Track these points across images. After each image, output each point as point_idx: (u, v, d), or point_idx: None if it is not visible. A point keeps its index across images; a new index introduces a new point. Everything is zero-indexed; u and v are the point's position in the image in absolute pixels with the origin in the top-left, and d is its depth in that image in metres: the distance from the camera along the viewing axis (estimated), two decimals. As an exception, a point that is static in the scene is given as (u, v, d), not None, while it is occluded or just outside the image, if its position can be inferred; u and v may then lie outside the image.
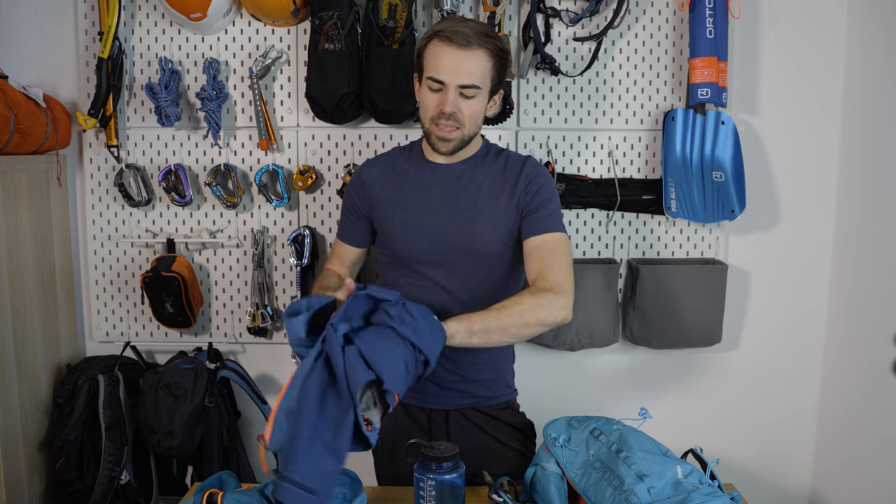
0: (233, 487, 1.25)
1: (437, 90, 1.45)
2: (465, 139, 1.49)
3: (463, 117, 1.46)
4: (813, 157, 2.10)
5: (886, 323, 1.87)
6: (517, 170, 1.54)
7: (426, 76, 1.46)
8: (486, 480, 1.32)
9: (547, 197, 1.51)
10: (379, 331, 1.13)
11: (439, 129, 1.47)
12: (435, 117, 1.46)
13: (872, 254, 1.97)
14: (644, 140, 2.06)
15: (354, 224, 1.64)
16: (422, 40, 1.48)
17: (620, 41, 2.02)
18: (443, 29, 1.44)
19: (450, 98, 1.44)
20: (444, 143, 1.48)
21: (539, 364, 2.12)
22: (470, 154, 1.57)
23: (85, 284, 2.15)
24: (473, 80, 1.44)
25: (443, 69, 1.43)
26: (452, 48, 1.42)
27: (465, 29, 1.43)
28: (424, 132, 1.51)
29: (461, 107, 1.45)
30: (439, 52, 1.44)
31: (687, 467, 1.17)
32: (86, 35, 2.03)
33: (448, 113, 1.44)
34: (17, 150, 1.85)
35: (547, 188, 1.52)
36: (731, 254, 2.13)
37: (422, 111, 1.50)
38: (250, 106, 2.03)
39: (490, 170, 1.56)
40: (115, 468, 1.93)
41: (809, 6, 2.03)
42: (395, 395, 1.09)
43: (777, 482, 2.21)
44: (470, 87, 1.44)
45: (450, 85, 1.43)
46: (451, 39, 1.42)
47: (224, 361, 2.08)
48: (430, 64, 1.46)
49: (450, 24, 1.45)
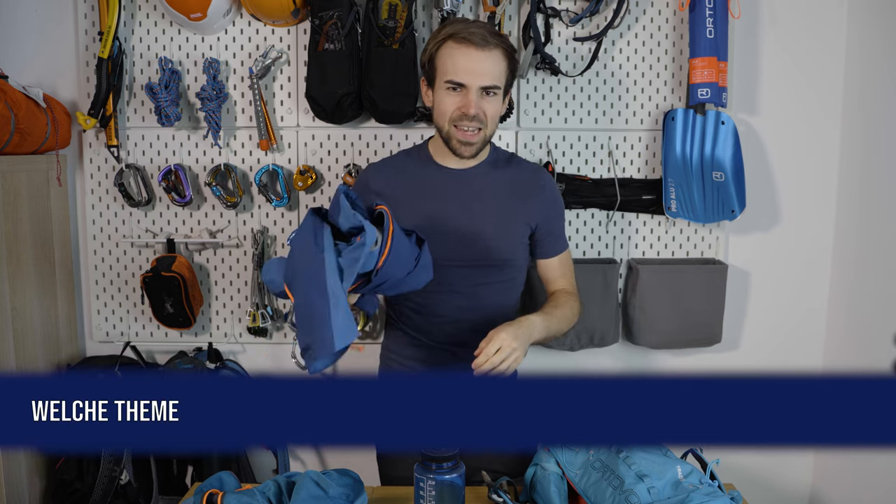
0: (233, 487, 1.25)
1: (457, 93, 1.44)
2: (486, 140, 1.50)
3: (486, 118, 1.45)
4: (813, 157, 2.10)
5: (886, 323, 1.87)
6: (534, 184, 1.59)
7: (444, 80, 1.44)
8: (486, 480, 1.32)
9: (563, 217, 1.66)
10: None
11: (461, 132, 1.45)
12: (456, 119, 1.44)
13: (872, 254, 1.97)
14: (644, 140, 2.06)
15: None
16: (432, 44, 1.47)
17: (620, 41, 2.02)
18: (457, 31, 1.42)
19: (472, 100, 1.42)
20: (467, 146, 1.47)
21: (539, 364, 2.12)
22: (482, 159, 1.57)
23: (85, 284, 2.15)
24: (494, 81, 1.43)
25: (463, 71, 1.42)
26: (471, 49, 1.41)
27: (479, 30, 1.42)
28: (443, 136, 1.49)
29: (484, 108, 1.44)
30: (456, 53, 1.42)
31: (687, 467, 1.18)
32: (86, 35, 2.03)
33: (472, 115, 1.43)
34: (17, 150, 1.85)
35: (562, 207, 1.65)
36: (731, 254, 2.13)
37: (438, 114, 1.48)
38: (250, 106, 2.03)
39: (502, 176, 1.57)
40: (115, 468, 1.93)
41: (809, 6, 2.03)
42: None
43: (777, 482, 2.21)
44: (491, 88, 1.43)
45: (471, 87, 1.42)
46: (468, 40, 1.40)
47: (224, 361, 2.08)
48: (446, 67, 1.44)
49: (462, 25, 1.44)
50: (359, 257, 1.19)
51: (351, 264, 1.19)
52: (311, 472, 1.25)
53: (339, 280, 1.17)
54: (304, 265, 1.22)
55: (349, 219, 1.23)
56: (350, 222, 1.23)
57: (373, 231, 1.22)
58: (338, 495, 1.20)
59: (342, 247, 1.23)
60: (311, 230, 1.24)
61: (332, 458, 2.22)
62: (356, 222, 1.23)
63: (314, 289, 1.17)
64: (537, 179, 1.60)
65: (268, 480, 1.26)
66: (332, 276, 1.17)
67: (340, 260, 1.20)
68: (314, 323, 1.16)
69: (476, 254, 1.52)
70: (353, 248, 1.21)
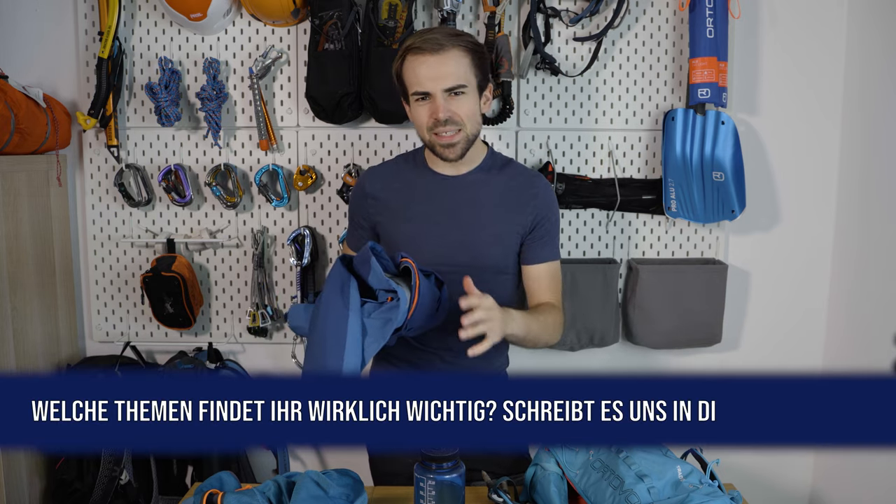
0: (233, 487, 1.25)
1: (426, 102, 1.45)
2: (469, 139, 1.49)
3: (460, 118, 1.45)
4: (813, 157, 2.09)
5: (886, 323, 1.87)
6: (528, 191, 1.56)
7: (411, 93, 1.46)
8: (486, 480, 1.32)
9: (556, 226, 1.61)
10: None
11: (440, 137, 1.46)
12: (431, 127, 1.46)
13: (872, 254, 1.97)
14: (644, 140, 2.06)
15: (360, 233, 1.63)
16: (396, 63, 1.49)
17: (620, 41, 2.02)
18: (411, 44, 1.44)
19: (440, 104, 1.43)
20: (450, 148, 1.47)
21: (539, 364, 2.12)
22: (476, 164, 1.57)
23: (85, 284, 2.15)
24: (458, 81, 1.44)
25: (423, 79, 1.43)
26: (426, 56, 1.42)
27: (432, 35, 1.44)
28: (427, 146, 1.51)
29: (454, 108, 1.44)
30: (415, 65, 1.44)
31: (687, 467, 1.17)
32: (86, 35, 2.03)
33: (443, 119, 1.43)
34: (17, 150, 1.85)
35: (557, 215, 1.61)
36: (731, 254, 2.13)
37: (417, 127, 1.50)
38: (250, 106, 2.03)
39: (496, 183, 1.56)
40: (115, 468, 1.93)
41: (809, 6, 2.03)
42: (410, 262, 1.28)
43: (777, 482, 2.21)
44: (456, 88, 1.44)
45: (435, 92, 1.43)
46: (422, 49, 1.42)
47: (224, 361, 2.08)
48: (410, 80, 1.46)
49: (416, 37, 1.45)
50: (391, 318, 1.26)
51: (384, 325, 1.26)
52: (311, 472, 1.25)
53: (359, 338, 1.24)
54: (327, 317, 1.27)
55: (381, 282, 1.28)
56: (381, 285, 1.29)
57: (405, 296, 1.27)
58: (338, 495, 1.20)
59: (369, 306, 1.29)
60: (338, 284, 1.29)
61: (332, 458, 2.22)
62: (388, 286, 1.28)
63: (333, 341, 1.23)
64: (531, 187, 1.58)
65: (268, 480, 1.26)
66: (352, 336, 1.23)
67: (367, 321, 1.26)
68: (322, 366, 1.23)
69: (467, 260, 1.50)
70: (385, 309, 1.28)
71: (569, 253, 2.08)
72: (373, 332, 1.26)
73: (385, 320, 1.26)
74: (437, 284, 1.38)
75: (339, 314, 1.25)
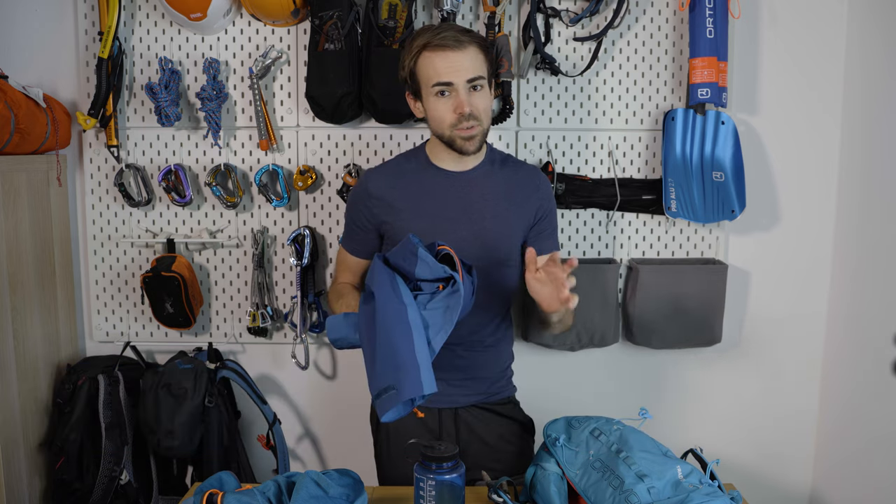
0: (233, 487, 1.25)
1: (447, 97, 1.47)
2: (485, 133, 1.53)
3: (479, 112, 1.48)
4: (813, 157, 2.09)
5: (886, 323, 1.87)
6: (531, 185, 1.62)
7: (431, 85, 1.47)
8: (486, 480, 1.32)
9: (556, 218, 1.68)
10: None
11: (463, 131, 1.49)
12: (455, 123, 1.48)
13: (872, 254, 1.97)
14: (644, 140, 2.06)
15: (362, 236, 1.64)
16: (408, 59, 1.50)
17: (620, 41, 2.02)
18: (429, 41, 1.46)
19: (463, 99, 1.46)
20: (471, 141, 1.50)
21: (539, 364, 2.12)
22: (480, 160, 1.60)
23: (85, 284, 2.15)
24: (478, 72, 1.47)
25: (447, 71, 1.45)
26: (447, 52, 1.45)
27: (448, 32, 1.46)
28: (445, 140, 1.52)
29: (475, 103, 1.48)
30: (435, 60, 1.46)
31: (687, 467, 1.17)
32: (86, 35, 2.03)
33: (468, 113, 1.46)
34: (17, 150, 1.85)
35: (554, 208, 1.68)
36: (731, 254, 2.13)
37: (435, 122, 1.51)
38: (250, 106, 2.03)
39: (500, 178, 1.60)
40: (115, 468, 1.93)
41: (809, 6, 2.03)
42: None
43: (777, 482, 2.21)
44: (477, 80, 1.47)
45: (459, 84, 1.46)
46: (442, 45, 1.45)
47: (224, 361, 2.08)
48: (429, 74, 1.47)
49: (431, 34, 1.47)
50: (450, 304, 1.26)
51: (445, 312, 1.26)
52: (311, 472, 1.25)
53: (423, 332, 1.23)
54: (386, 315, 1.25)
55: (435, 271, 1.29)
56: (434, 274, 1.29)
57: (460, 282, 1.27)
58: (338, 495, 1.21)
59: (423, 297, 1.29)
60: (387, 282, 1.29)
61: (332, 459, 2.22)
62: (441, 274, 1.28)
63: (400, 335, 1.22)
64: (532, 179, 1.64)
65: (268, 480, 1.26)
66: (417, 330, 1.23)
67: (425, 313, 1.26)
68: (399, 365, 1.20)
69: (480, 253, 1.53)
70: (442, 297, 1.28)
71: (569, 253, 2.07)
72: (435, 323, 1.26)
73: (445, 307, 1.26)
74: (468, 270, 1.39)
75: (396, 312, 1.24)
